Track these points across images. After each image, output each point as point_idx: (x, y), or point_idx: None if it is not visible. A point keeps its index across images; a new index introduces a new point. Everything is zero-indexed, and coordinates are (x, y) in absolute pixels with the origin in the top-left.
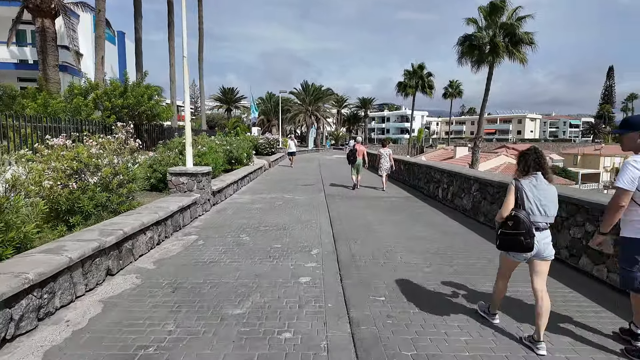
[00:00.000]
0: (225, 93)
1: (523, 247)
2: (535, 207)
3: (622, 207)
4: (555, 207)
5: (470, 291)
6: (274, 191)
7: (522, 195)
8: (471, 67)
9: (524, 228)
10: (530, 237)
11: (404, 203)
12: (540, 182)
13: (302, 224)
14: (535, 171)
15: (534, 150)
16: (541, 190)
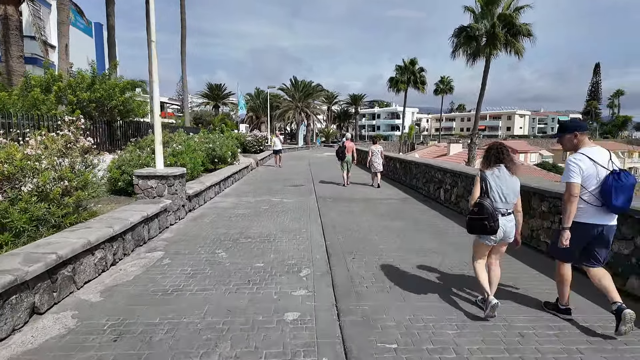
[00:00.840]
0: (212, 89)
1: (487, 230)
2: (497, 195)
3: (575, 197)
4: (515, 195)
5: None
6: (260, 193)
7: (486, 185)
8: (466, 60)
9: (486, 213)
10: (494, 221)
11: (403, 206)
12: (502, 173)
13: (290, 233)
14: (496, 164)
15: (495, 146)
16: (503, 181)
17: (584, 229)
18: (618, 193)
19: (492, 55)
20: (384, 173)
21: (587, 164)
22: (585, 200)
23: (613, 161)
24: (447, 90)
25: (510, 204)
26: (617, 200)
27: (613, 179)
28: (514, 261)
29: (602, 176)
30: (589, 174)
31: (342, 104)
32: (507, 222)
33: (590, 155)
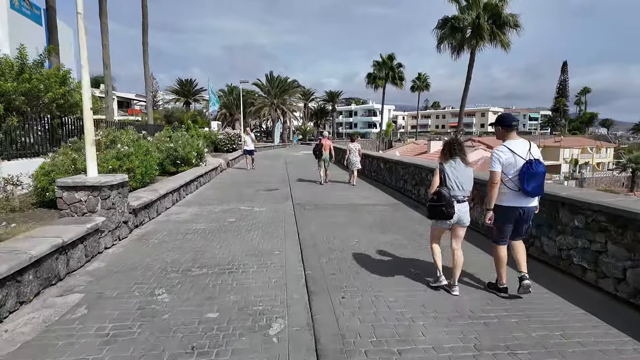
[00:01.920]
0: (182, 85)
1: (445, 215)
2: (454, 184)
3: (496, 183)
4: (470, 184)
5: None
6: (227, 200)
7: (444, 176)
8: (451, 52)
9: (444, 200)
10: (451, 207)
11: (394, 214)
12: (458, 164)
13: (260, 258)
14: (452, 157)
15: (451, 141)
16: (459, 171)
17: (508, 212)
18: (529, 179)
19: (477, 48)
20: (366, 174)
21: (508, 155)
22: (507, 185)
23: (532, 152)
24: (424, 87)
25: (466, 191)
26: (529, 186)
27: (526, 167)
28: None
29: (519, 165)
30: (508, 163)
31: (319, 100)
32: (462, 207)
33: (511, 147)
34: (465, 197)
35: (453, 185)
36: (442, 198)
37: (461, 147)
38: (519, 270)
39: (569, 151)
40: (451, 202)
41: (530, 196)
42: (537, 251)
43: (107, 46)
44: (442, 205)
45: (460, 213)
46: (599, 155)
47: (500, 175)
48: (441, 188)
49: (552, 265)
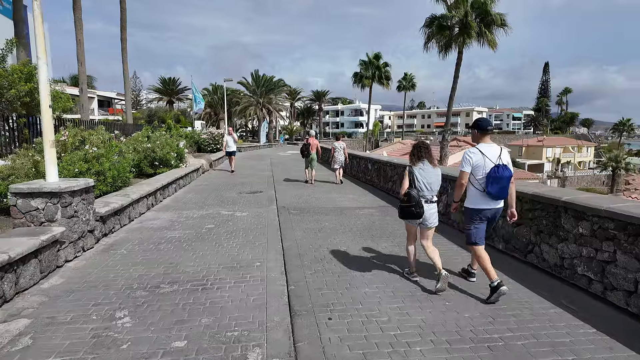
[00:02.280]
0: (165, 84)
1: (414, 214)
2: (423, 185)
3: (464, 183)
4: (438, 184)
5: None
6: (208, 204)
7: (414, 178)
8: (438, 51)
9: (414, 201)
10: (420, 207)
11: (384, 218)
12: (427, 166)
13: (239, 271)
14: (420, 160)
15: (418, 145)
16: (427, 173)
17: (477, 214)
18: (494, 182)
19: (465, 46)
20: (354, 174)
21: (478, 157)
22: (475, 187)
23: (502, 157)
24: (410, 87)
25: (434, 192)
26: (493, 189)
27: (493, 170)
28: None
29: (488, 168)
30: (478, 165)
31: (306, 100)
32: (430, 209)
33: (483, 150)
34: (433, 197)
35: (422, 187)
36: (411, 199)
37: (428, 150)
38: (495, 278)
39: (551, 150)
40: (420, 203)
41: (494, 199)
42: (537, 259)
43: (81, 42)
44: (411, 206)
45: (428, 214)
46: (580, 154)
47: (467, 176)
48: (410, 189)
49: (552, 274)
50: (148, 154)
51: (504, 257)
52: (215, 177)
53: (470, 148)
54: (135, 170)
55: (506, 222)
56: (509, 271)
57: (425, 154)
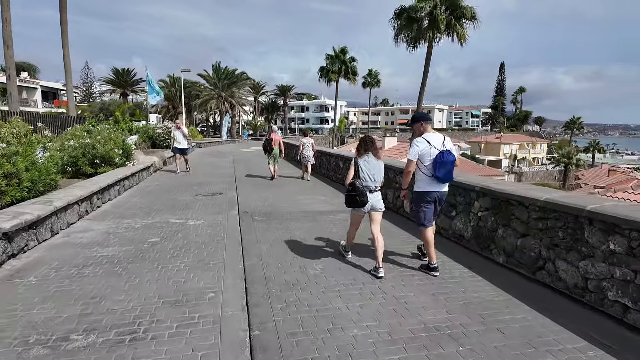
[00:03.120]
0: (118, 75)
1: (358, 203)
2: (367, 176)
3: (411, 170)
4: (381, 175)
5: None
6: (155, 209)
7: (358, 169)
8: (407, 45)
9: (357, 190)
10: (363, 196)
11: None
12: (371, 158)
13: (184, 308)
14: (366, 152)
15: (364, 138)
16: (371, 164)
17: (426, 196)
18: (440, 167)
19: (434, 39)
20: (324, 173)
21: (424, 145)
22: (424, 172)
23: (445, 144)
24: (375, 84)
25: (377, 182)
26: (440, 172)
27: (439, 156)
28: None
29: (434, 154)
30: (425, 152)
31: (270, 94)
32: (374, 196)
33: (428, 139)
34: (376, 187)
35: (366, 177)
36: (355, 188)
37: (373, 143)
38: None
39: (508, 147)
40: (364, 192)
41: (441, 182)
42: (550, 277)
43: (8, 21)
44: (356, 195)
45: (374, 201)
46: (535, 150)
47: (414, 163)
48: (355, 180)
49: (570, 296)
50: (87, 151)
51: (506, 272)
52: (168, 176)
53: (416, 138)
54: (72, 170)
55: (508, 232)
56: (515, 291)
57: (370, 147)
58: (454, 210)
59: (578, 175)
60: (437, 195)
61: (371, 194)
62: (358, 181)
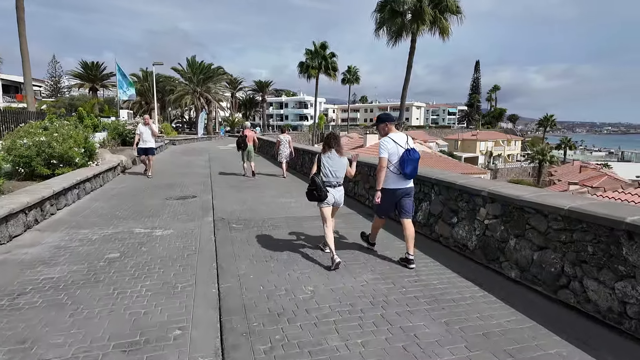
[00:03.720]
0: (87, 68)
1: (316, 197)
2: (328, 171)
3: (384, 167)
4: (343, 171)
5: None
6: (119, 216)
7: (321, 164)
8: (389, 39)
9: (315, 185)
10: (321, 191)
11: (352, 232)
12: (333, 155)
13: (140, 354)
14: (329, 149)
15: (328, 135)
16: (334, 161)
17: (392, 192)
18: (408, 164)
19: (418, 33)
20: (305, 172)
21: (392, 144)
22: (391, 170)
23: (409, 143)
24: (354, 81)
25: (339, 178)
26: (407, 169)
27: (406, 154)
28: None
29: (400, 153)
30: (392, 151)
31: (248, 90)
32: (336, 192)
33: (394, 138)
34: (338, 182)
35: (327, 173)
36: (313, 183)
37: (336, 140)
38: (407, 252)
39: (484, 144)
40: (320, 187)
41: (408, 178)
42: (575, 298)
43: None
44: (314, 190)
45: (336, 197)
46: (509, 147)
47: (386, 161)
48: (315, 176)
49: (604, 322)
50: (42, 150)
51: (521, 290)
52: (136, 178)
53: (383, 138)
54: (25, 171)
55: (522, 243)
56: (538, 315)
57: (334, 144)
58: (455, 216)
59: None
60: (402, 192)
61: (333, 189)
62: (318, 177)
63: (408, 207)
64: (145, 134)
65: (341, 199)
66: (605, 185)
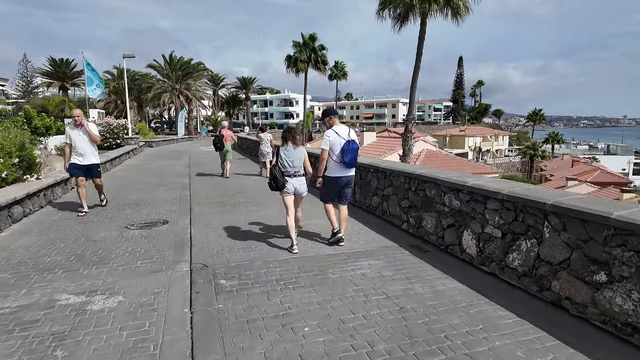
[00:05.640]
0: (56, 66)
1: (274, 187)
2: (285, 163)
3: (324, 159)
4: (300, 161)
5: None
6: (46, 264)
7: (279, 156)
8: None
9: (272, 176)
10: (277, 181)
11: (412, 286)
12: (290, 147)
13: None
14: (286, 142)
15: (285, 130)
16: (290, 152)
17: (335, 181)
18: (347, 154)
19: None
20: None
21: (334, 136)
22: (334, 160)
23: (350, 135)
24: (342, 76)
25: (297, 167)
26: (347, 158)
27: (346, 144)
28: None
29: (342, 143)
30: (334, 142)
31: (231, 87)
32: (296, 181)
33: (337, 131)
34: (296, 172)
35: (284, 164)
36: (271, 174)
37: (293, 134)
38: (336, 227)
39: (472, 139)
40: (277, 177)
41: (349, 167)
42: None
43: None
44: (272, 180)
45: (296, 185)
46: (497, 142)
47: (327, 152)
48: (273, 167)
49: None
50: None
51: None
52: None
53: (328, 130)
54: None
55: None
56: None
57: (290, 138)
58: (603, 272)
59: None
60: (345, 180)
61: (292, 178)
62: (276, 168)
63: (346, 195)
64: (79, 141)
65: (302, 187)
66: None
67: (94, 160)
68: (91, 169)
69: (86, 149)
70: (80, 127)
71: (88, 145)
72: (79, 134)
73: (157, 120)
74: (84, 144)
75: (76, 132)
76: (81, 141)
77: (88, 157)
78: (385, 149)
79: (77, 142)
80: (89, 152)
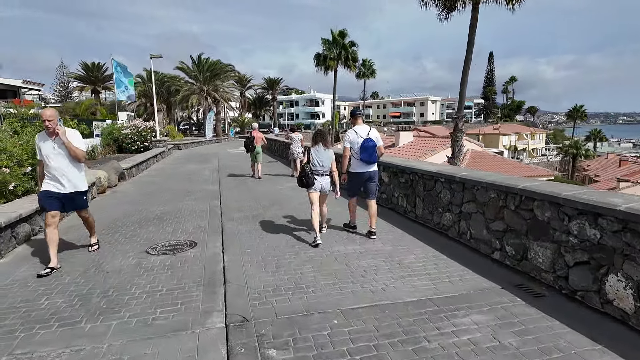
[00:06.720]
0: (88, 70)
1: (304, 184)
2: (316, 162)
3: (347, 155)
4: (329, 161)
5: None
6: (37, 318)
7: (310, 156)
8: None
9: (304, 173)
10: (308, 178)
11: None
12: (320, 148)
13: None
14: (317, 143)
15: (316, 132)
16: (320, 153)
17: (358, 176)
18: (363, 151)
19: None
20: None
21: (353, 135)
22: (355, 157)
23: (370, 134)
24: (370, 74)
25: (326, 167)
26: (363, 155)
27: (363, 142)
28: None
29: (361, 142)
30: (354, 141)
31: (257, 88)
32: (322, 179)
33: (356, 130)
34: (325, 171)
35: (315, 163)
36: (303, 171)
37: (323, 136)
38: (370, 226)
39: (507, 138)
40: (308, 174)
41: (367, 163)
42: None
43: None
44: (303, 177)
45: (322, 184)
46: (533, 141)
47: (349, 150)
48: (305, 165)
49: None
50: None
51: None
52: (117, 201)
53: (348, 130)
54: None
55: None
56: None
57: (320, 139)
58: None
59: (584, 166)
60: (366, 175)
61: (320, 177)
62: (307, 166)
63: (372, 190)
64: (54, 158)
65: (327, 186)
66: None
67: (80, 186)
68: (73, 198)
69: (65, 169)
70: (54, 136)
71: (67, 164)
72: (53, 147)
73: (186, 122)
74: (59, 162)
75: (49, 145)
76: (56, 158)
77: (69, 180)
78: (425, 149)
79: (50, 159)
80: (71, 174)
